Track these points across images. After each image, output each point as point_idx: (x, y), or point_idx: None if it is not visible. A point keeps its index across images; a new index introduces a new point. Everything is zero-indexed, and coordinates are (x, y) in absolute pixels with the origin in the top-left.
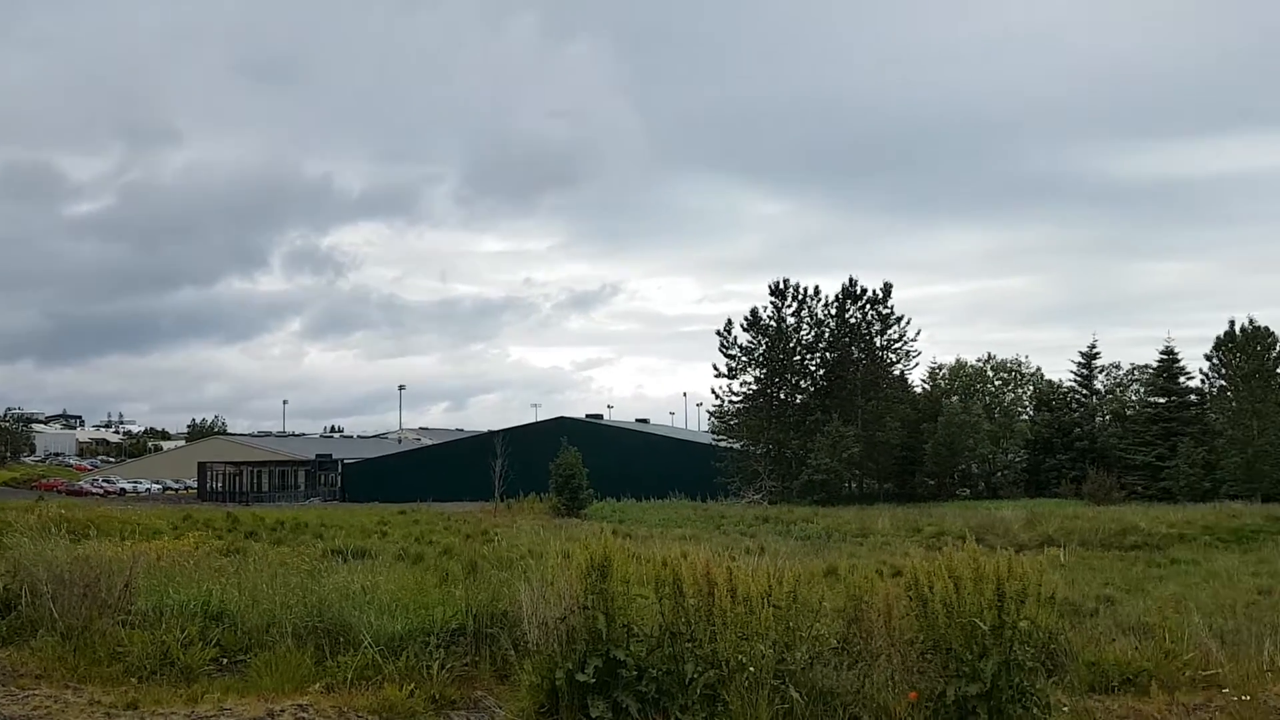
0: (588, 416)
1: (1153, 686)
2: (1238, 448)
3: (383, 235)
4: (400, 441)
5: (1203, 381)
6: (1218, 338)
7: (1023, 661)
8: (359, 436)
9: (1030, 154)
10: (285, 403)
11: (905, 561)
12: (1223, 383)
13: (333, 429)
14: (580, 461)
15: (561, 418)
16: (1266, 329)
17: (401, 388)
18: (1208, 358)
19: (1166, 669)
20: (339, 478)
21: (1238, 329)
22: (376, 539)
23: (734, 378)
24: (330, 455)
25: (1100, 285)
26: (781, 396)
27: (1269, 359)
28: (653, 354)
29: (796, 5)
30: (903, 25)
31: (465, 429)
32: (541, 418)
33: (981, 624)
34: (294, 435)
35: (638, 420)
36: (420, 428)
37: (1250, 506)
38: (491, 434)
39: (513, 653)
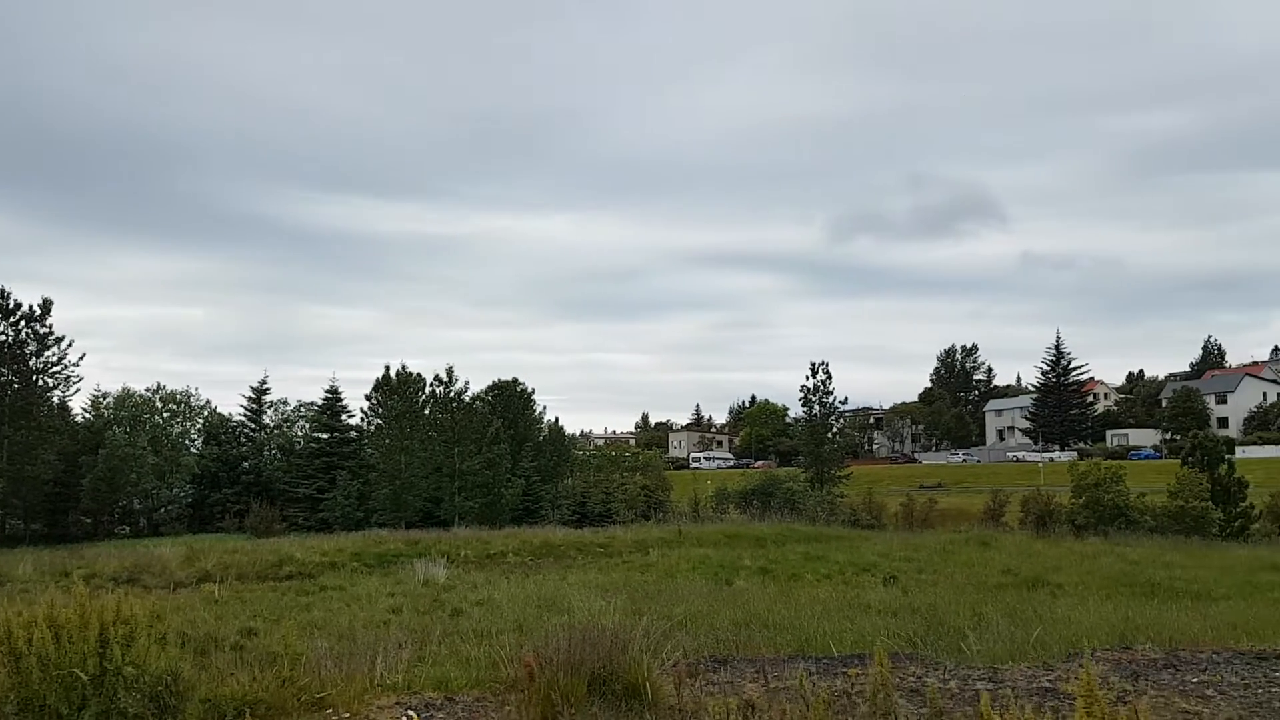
0: None
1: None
2: (388, 480)
3: None
4: None
5: (363, 420)
6: (377, 380)
7: (127, 708)
8: None
9: (216, 187)
10: None
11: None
12: (379, 421)
13: None
14: None
15: None
16: (418, 375)
17: None
18: (368, 398)
19: (282, 696)
20: None
21: (393, 373)
22: None
23: None
24: None
25: (277, 323)
26: None
27: (418, 401)
28: None
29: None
30: (126, 38)
31: None
32: None
33: (83, 674)
34: None
35: None
36: None
37: (395, 533)
38: None
39: None
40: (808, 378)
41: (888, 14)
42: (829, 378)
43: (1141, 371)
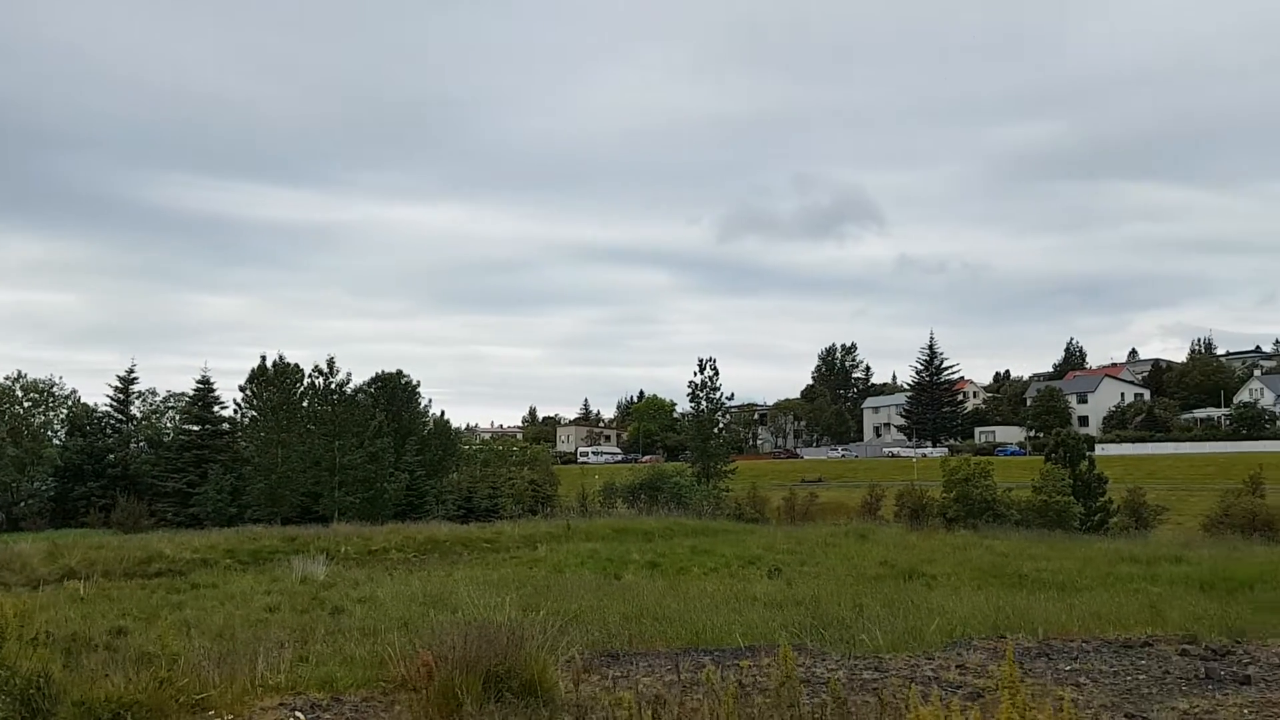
0: None
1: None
2: (263, 474)
3: None
4: None
5: (236, 411)
6: (252, 370)
7: None
8: None
9: (81, 168)
10: None
11: None
12: (254, 413)
13: None
14: None
15: None
16: (296, 365)
17: None
18: (242, 389)
19: (159, 697)
20: None
21: (270, 363)
22: None
23: None
24: None
25: (146, 310)
26: None
27: (296, 393)
28: None
29: None
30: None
31: None
32: None
33: None
34: None
35: None
36: None
37: (271, 529)
38: None
39: None
40: (695, 373)
41: (775, 19)
42: (716, 374)
43: (1008, 372)
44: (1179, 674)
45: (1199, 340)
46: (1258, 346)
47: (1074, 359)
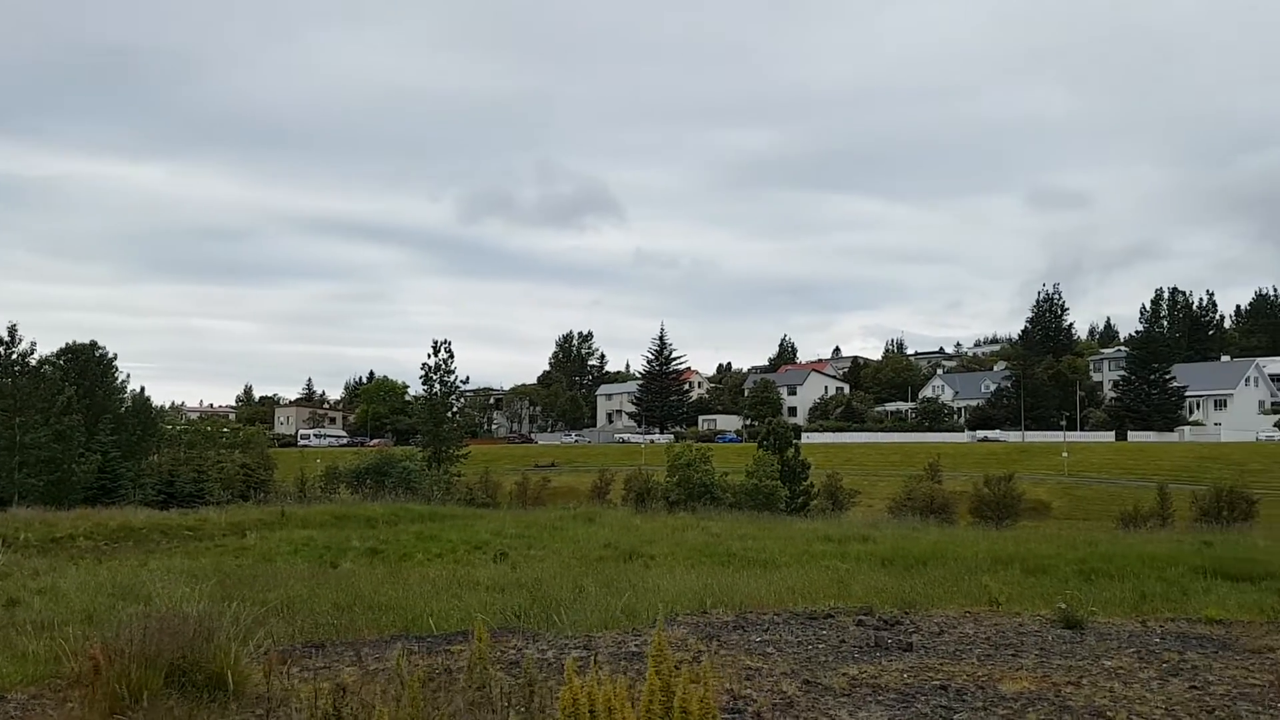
0: None
1: None
2: None
3: None
4: None
5: None
6: None
7: None
8: None
9: None
10: None
11: None
12: None
13: None
14: None
15: None
16: None
17: None
18: None
19: None
20: None
21: None
22: None
23: None
24: None
25: None
26: None
27: None
28: None
29: None
30: None
31: None
32: None
33: None
34: None
35: None
36: None
37: None
38: None
39: None
40: (429, 355)
41: (526, 4)
42: (451, 356)
43: (730, 364)
44: (854, 642)
45: (893, 341)
46: (941, 348)
47: (786, 354)
